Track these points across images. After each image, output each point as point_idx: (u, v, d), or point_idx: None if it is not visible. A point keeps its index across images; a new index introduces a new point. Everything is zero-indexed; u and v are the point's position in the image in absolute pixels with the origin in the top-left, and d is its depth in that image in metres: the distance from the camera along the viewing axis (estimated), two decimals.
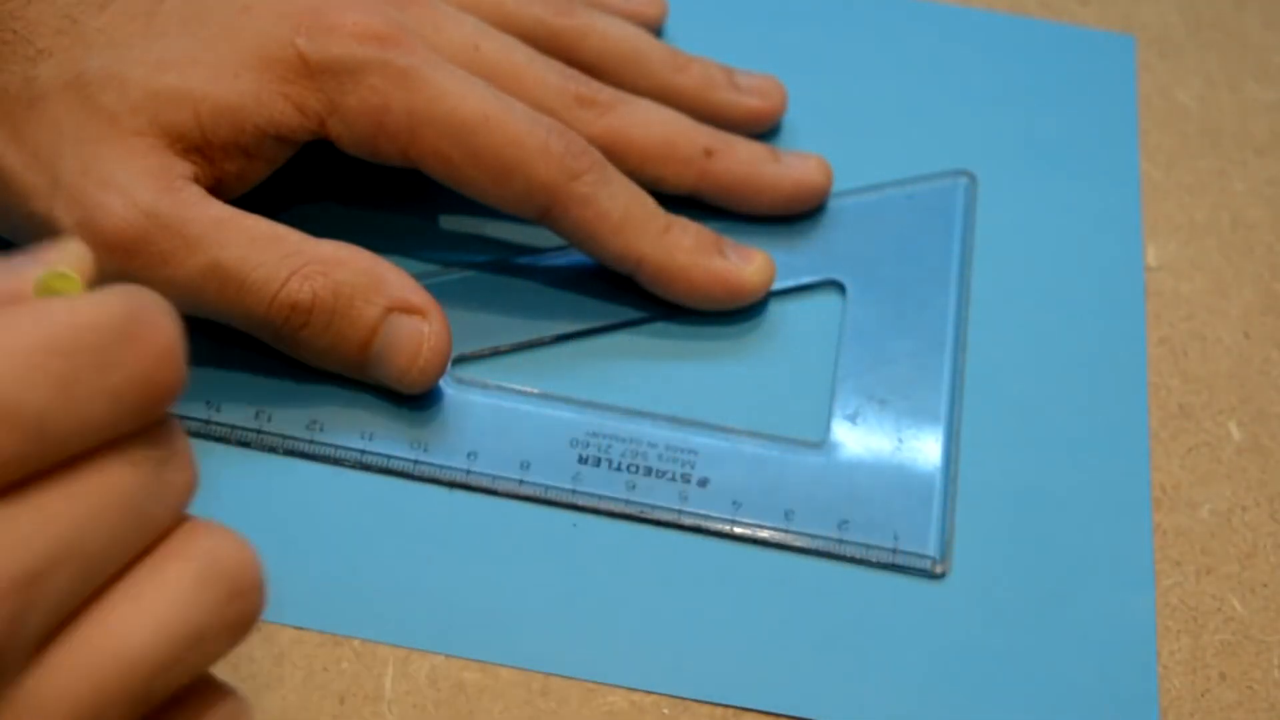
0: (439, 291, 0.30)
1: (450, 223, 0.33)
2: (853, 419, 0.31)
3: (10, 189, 0.28)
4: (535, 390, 0.30)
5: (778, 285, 0.32)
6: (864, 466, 0.30)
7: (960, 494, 0.30)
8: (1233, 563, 0.29)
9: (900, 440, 0.30)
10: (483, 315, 0.31)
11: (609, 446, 0.30)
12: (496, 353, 0.31)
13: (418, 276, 0.30)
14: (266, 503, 0.28)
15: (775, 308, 0.32)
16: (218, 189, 0.29)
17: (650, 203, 0.31)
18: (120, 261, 0.27)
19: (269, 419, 0.29)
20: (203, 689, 0.20)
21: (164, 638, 0.18)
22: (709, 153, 0.32)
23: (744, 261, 0.31)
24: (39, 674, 0.17)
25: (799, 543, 0.29)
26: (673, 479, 0.29)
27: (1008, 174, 0.35)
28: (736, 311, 0.32)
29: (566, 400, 0.30)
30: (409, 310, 0.28)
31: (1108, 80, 0.37)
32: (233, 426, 0.29)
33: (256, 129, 0.28)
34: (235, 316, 0.28)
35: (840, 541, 0.29)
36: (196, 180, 0.28)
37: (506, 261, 0.32)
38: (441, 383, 0.30)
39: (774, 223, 0.33)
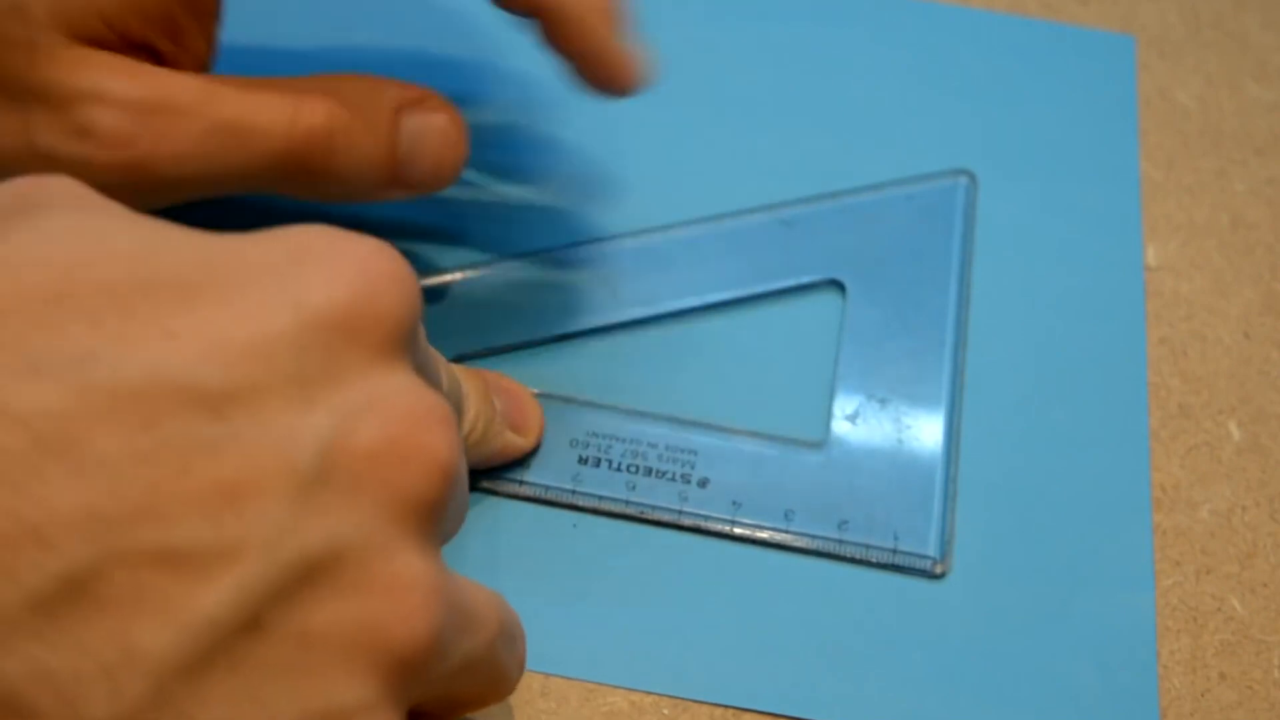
0: (437, 293, 0.30)
1: (447, 224, 0.33)
2: (853, 419, 0.31)
3: None
4: (535, 390, 0.30)
5: (778, 285, 0.32)
6: (864, 466, 0.30)
7: (960, 494, 0.30)
8: (1232, 563, 0.29)
9: (900, 440, 0.30)
10: (482, 315, 0.31)
11: (609, 446, 0.30)
12: (495, 352, 0.31)
13: (421, 275, 0.30)
14: None
15: (775, 307, 0.32)
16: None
17: None
18: (121, 154, 0.26)
19: None
20: None
21: (490, 613, 0.22)
22: None
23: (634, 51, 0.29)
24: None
25: (799, 543, 0.29)
26: (673, 479, 0.29)
27: (1008, 174, 0.35)
28: (736, 309, 0.32)
29: (566, 400, 0.30)
30: (417, 102, 0.27)
31: (1108, 80, 0.37)
32: None
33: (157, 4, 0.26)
34: (257, 169, 0.27)
35: (840, 541, 0.29)
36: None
37: (505, 261, 0.32)
38: None
39: (772, 223, 0.33)
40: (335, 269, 0.19)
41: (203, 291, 0.19)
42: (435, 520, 0.20)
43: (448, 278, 0.32)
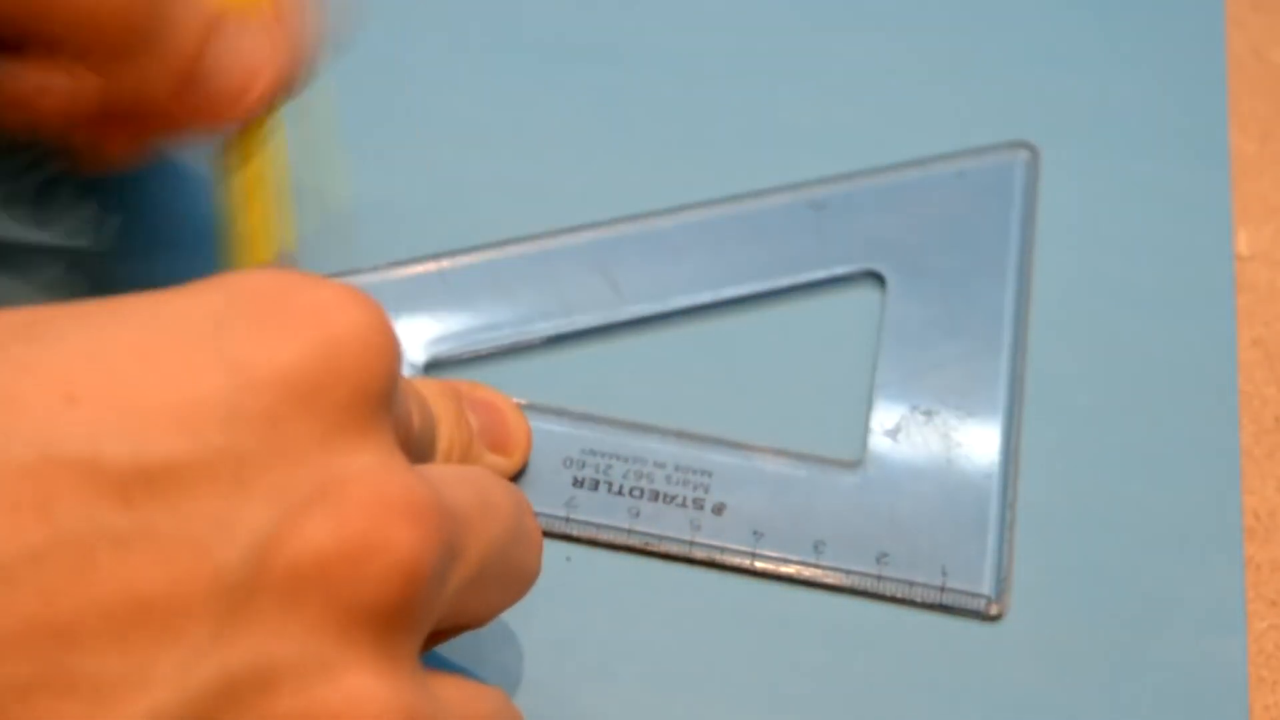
0: (410, 286, 0.30)
1: (422, 204, 0.33)
2: (894, 434, 0.30)
3: None
4: (522, 401, 0.30)
5: (806, 277, 0.33)
6: (907, 490, 0.30)
7: (1019, 522, 0.30)
8: None
9: (949, 459, 0.30)
10: (461, 313, 0.31)
11: (608, 467, 0.30)
12: (477, 357, 0.31)
13: (386, 267, 0.31)
14: None
15: (803, 303, 0.32)
16: None
17: None
18: None
19: None
20: None
21: None
22: None
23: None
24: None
25: (831, 579, 0.29)
26: (683, 504, 0.29)
27: (1074, 146, 0.35)
28: (757, 306, 0.32)
29: (559, 412, 0.30)
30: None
31: (1191, 37, 0.37)
32: None
33: None
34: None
35: (879, 578, 0.29)
36: None
37: (484, 250, 0.32)
38: None
39: (799, 205, 0.34)
40: (287, 321, 0.19)
41: (114, 347, 0.18)
42: (402, 629, 0.19)
43: (415, 269, 0.32)
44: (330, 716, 0.18)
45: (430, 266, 0.32)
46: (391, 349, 0.20)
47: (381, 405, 0.19)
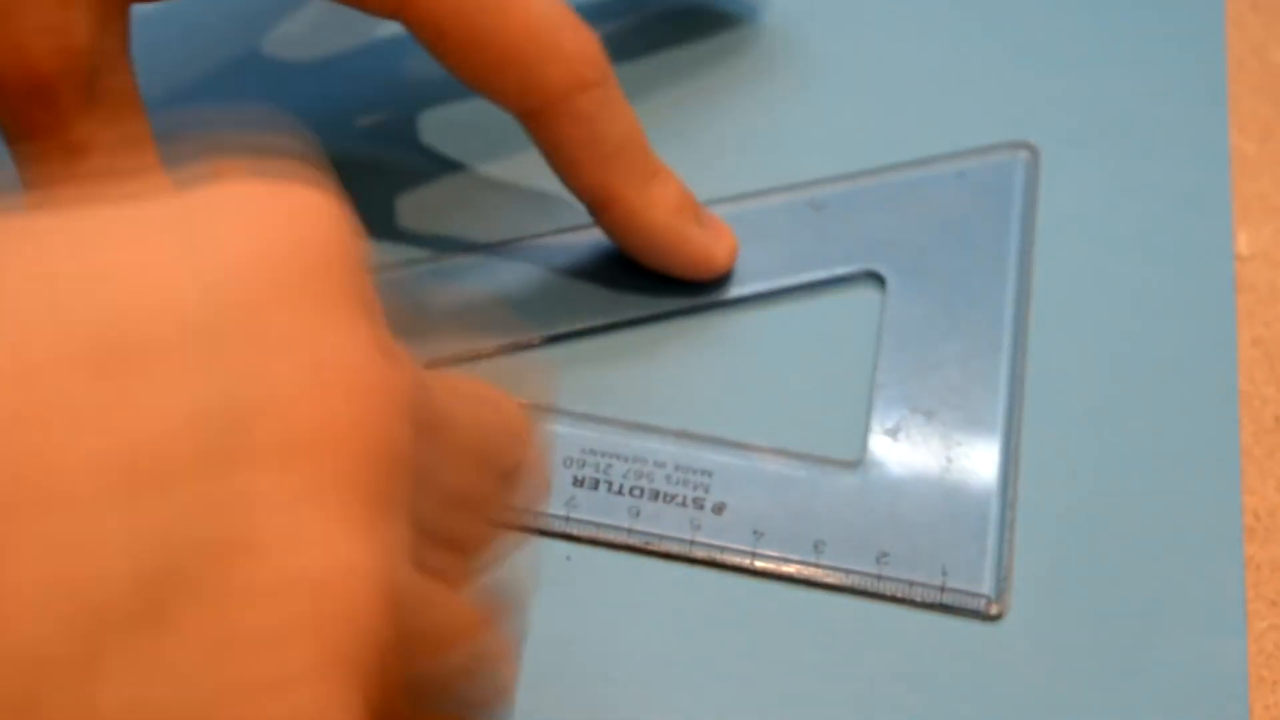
0: (414, 285, 0.31)
1: (424, 203, 0.33)
2: (894, 434, 0.31)
3: None
4: (520, 401, 0.30)
5: (807, 277, 0.33)
6: (907, 490, 0.30)
7: (1019, 522, 0.30)
8: None
9: (949, 459, 0.30)
10: (462, 313, 0.32)
11: (609, 466, 0.30)
12: (477, 357, 0.31)
13: (386, 267, 0.31)
14: None
15: (803, 303, 0.32)
16: None
17: (643, 140, 0.31)
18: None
19: None
20: None
21: (459, 633, 0.21)
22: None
23: (716, 238, 0.32)
24: None
25: (831, 578, 0.29)
26: (683, 504, 0.29)
27: (1075, 147, 0.35)
28: (757, 306, 0.32)
29: (559, 412, 0.30)
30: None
31: (1192, 37, 0.37)
32: None
33: None
34: None
35: (879, 577, 0.29)
36: None
37: (488, 249, 0.33)
38: None
39: (799, 205, 0.34)
40: (261, 217, 0.19)
41: (89, 239, 0.19)
42: (383, 505, 0.19)
43: (420, 268, 0.32)
44: (309, 584, 0.18)
45: (434, 265, 0.32)
46: (357, 241, 0.20)
47: (355, 293, 0.20)
